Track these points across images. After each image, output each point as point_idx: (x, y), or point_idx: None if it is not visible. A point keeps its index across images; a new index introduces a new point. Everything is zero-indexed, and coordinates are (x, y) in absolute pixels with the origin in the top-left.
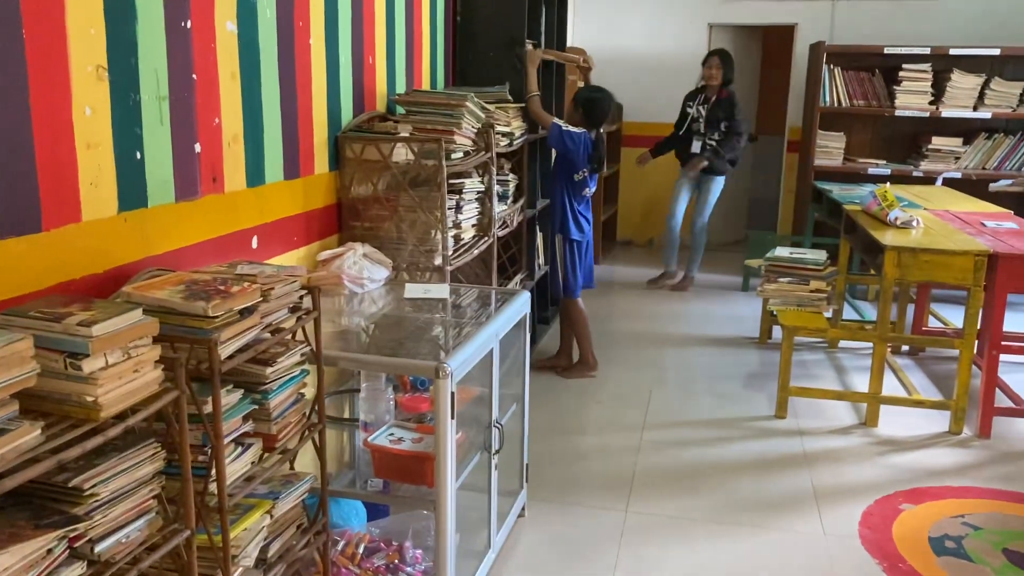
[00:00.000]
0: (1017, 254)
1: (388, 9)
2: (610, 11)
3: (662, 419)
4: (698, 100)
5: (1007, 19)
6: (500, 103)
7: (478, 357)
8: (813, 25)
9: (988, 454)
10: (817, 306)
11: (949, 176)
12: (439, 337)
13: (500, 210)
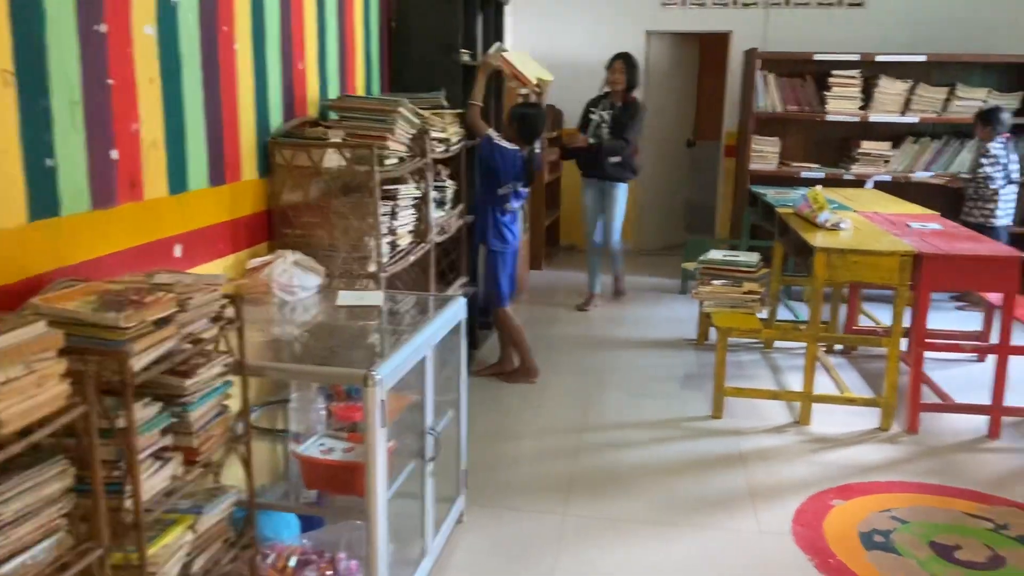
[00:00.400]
0: (940, 254)
1: (319, 14)
2: (549, 18)
3: (602, 421)
4: (601, 106)
5: (931, 26)
6: (436, 109)
7: (410, 364)
8: (747, 32)
9: (916, 449)
10: (750, 307)
11: (879, 179)
12: (370, 345)
13: (438, 216)
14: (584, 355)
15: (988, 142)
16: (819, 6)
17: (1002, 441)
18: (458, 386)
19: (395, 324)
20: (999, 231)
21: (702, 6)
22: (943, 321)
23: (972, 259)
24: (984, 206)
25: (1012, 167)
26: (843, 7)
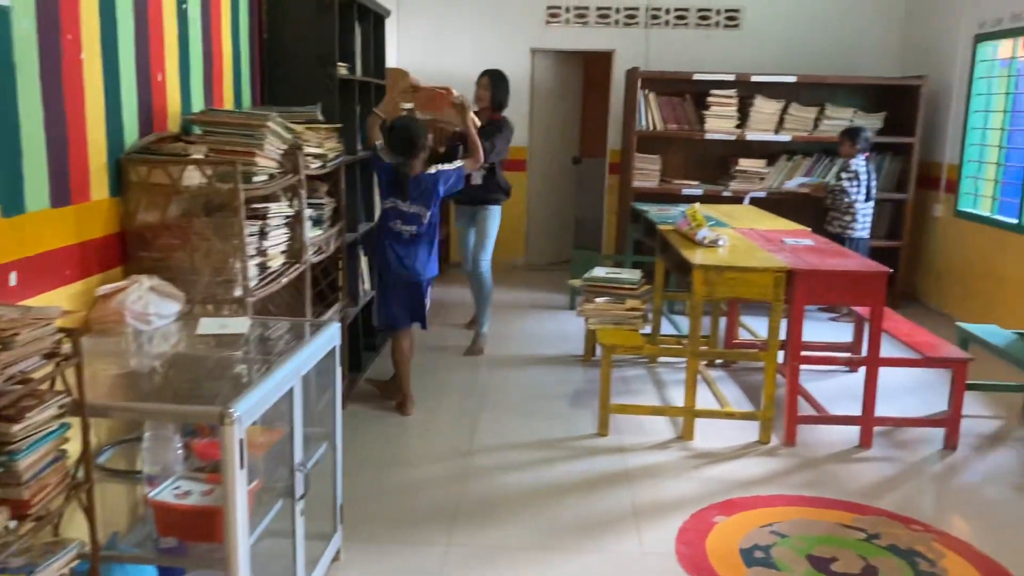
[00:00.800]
0: (812, 270)
1: (180, 24)
2: (433, 34)
3: (488, 444)
4: None
5: (802, 48)
6: (311, 124)
7: (275, 397)
8: (629, 51)
9: (793, 461)
10: (633, 324)
11: (755, 196)
12: (232, 378)
13: (314, 235)
14: (472, 374)
15: (851, 159)
16: (697, 27)
17: (873, 450)
18: (333, 416)
19: (261, 353)
20: (857, 242)
21: (585, 25)
22: (817, 332)
23: (842, 274)
24: (841, 218)
25: (872, 183)
26: (720, 28)
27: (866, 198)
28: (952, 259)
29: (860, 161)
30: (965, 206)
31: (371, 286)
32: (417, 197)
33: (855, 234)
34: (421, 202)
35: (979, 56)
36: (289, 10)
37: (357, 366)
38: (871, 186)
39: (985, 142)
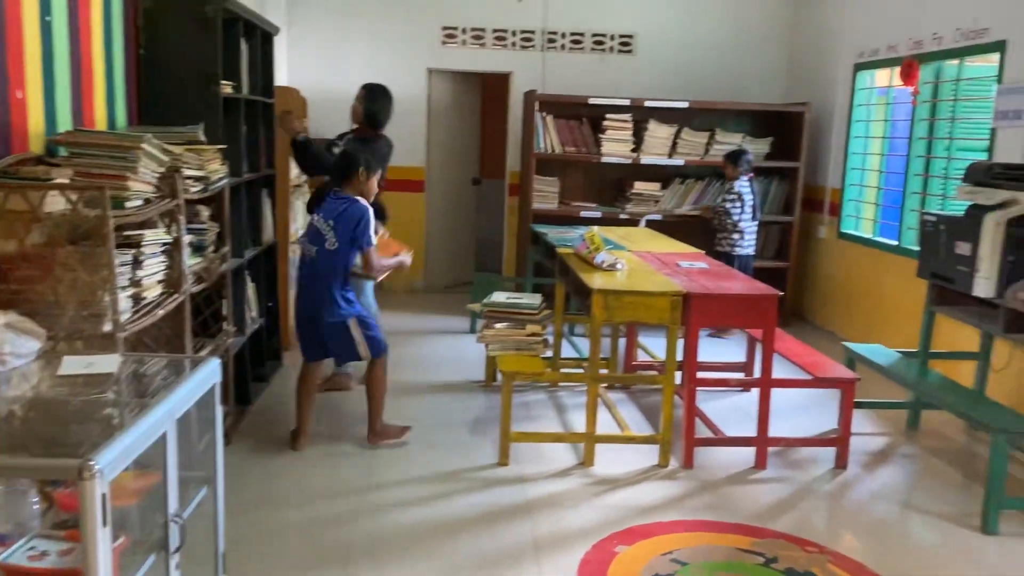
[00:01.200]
0: (707, 294)
1: (44, 38)
2: (327, 52)
3: (384, 479)
4: (346, 139)
5: (694, 75)
6: (192, 144)
7: (145, 444)
8: (527, 74)
9: (692, 484)
10: (534, 349)
11: (651, 218)
12: (96, 424)
13: (195, 262)
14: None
15: (735, 181)
16: (593, 51)
17: (769, 471)
18: (214, 458)
19: (133, 395)
20: (744, 260)
21: (483, 46)
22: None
23: (735, 298)
24: (728, 237)
25: (756, 203)
26: (615, 53)
27: (752, 217)
28: (836, 279)
29: (743, 182)
30: (848, 228)
31: (259, 314)
32: (331, 213)
33: (742, 252)
34: (333, 222)
35: (858, 84)
36: (168, 25)
37: (246, 399)
38: (755, 206)
39: (865, 167)
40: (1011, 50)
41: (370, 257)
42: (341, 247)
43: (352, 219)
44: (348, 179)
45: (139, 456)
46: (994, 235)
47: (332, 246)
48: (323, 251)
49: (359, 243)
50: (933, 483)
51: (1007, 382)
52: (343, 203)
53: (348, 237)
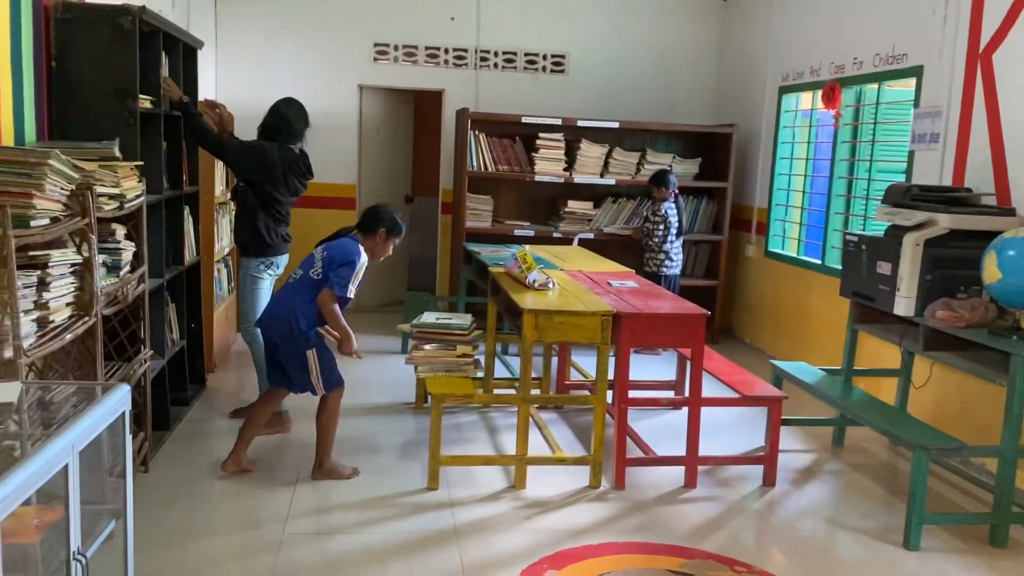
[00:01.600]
0: (637, 313)
1: None
2: (258, 67)
3: (308, 506)
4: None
5: (625, 96)
6: (107, 161)
7: (44, 478)
8: (459, 92)
9: (623, 505)
10: (465, 371)
11: (583, 237)
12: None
13: (108, 283)
14: (293, 426)
15: (661, 201)
16: (525, 71)
17: (698, 490)
18: (124, 489)
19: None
20: (671, 279)
21: (415, 64)
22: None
23: (664, 317)
24: (655, 257)
25: (681, 222)
26: (547, 73)
27: (676, 236)
28: (764, 297)
29: (670, 203)
30: (774, 247)
31: (181, 336)
32: (334, 247)
33: (669, 271)
34: (327, 252)
35: (784, 106)
36: (82, 37)
37: (165, 424)
38: (680, 225)
39: (791, 187)
40: (927, 75)
41: (327, 299)
42: (323, 279)
43: (343, 257)
44: (366, 232)
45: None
46: (913, 255)
47: (316, 275)
48: (307, 277)
49: (331, 280)
50: (858, 499)
51: (927, 398)
52: (348, 243)
53: (328, 271)
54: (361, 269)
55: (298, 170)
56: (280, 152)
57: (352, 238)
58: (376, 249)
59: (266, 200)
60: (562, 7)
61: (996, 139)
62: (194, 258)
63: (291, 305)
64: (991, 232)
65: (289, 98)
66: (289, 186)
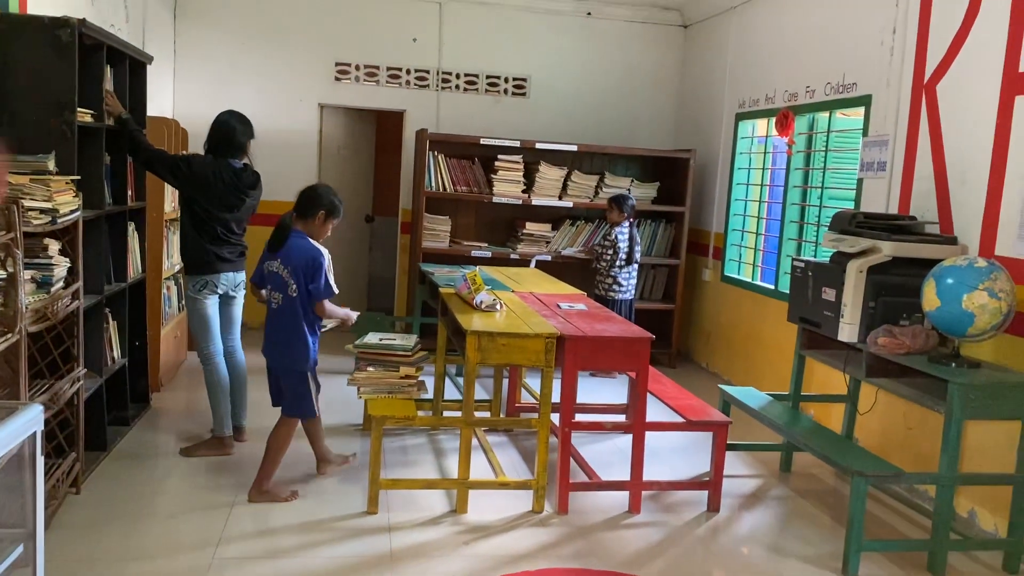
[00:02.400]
0: (581, 336)
1: None
2: (216, 82)
3: (243, 530)
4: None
5: (582, 120)
6: (40, 175)
7: None
8: (420, 112)
9: (565, 531)
10: (408, 392)
11: (540, 259)
12: None
13: (37, 299)
14: (237, 446)
15: (614, 225)
16: (487, 93)
17: (642, 515)
18: (34, 512)
19: None
20: (621, 304)
21: (377, 84)
22: (589, 390)
23: (608, 340)
24: (603, 280)
25: (635, 248)
26: (509, 96)
27: (627, 262)
28: (720, 321)
29: (622, 228)
30: (731, 272)
31: (123, 353)
32: (289, 259)
33: (618, 296)
34: (288, 266)
35: (740, 132)
36: (21, 48)
37: (102, 444)
38: (633, 250)
39: (747, 212)
40: (875, 104)
41: (322, 309)
42: (301, 293)
43: (306, 266)
44: (304, 216)
45: None
46: (856, 281)
47: (294, 292)
48: (287, 298)
49: (319, 294)
50: (801, 525)
51: (872, 424)
52: (297, 247)
53: (305, 284)
54: (328, 262)
55: (236, 185)
56: (216, 166)
57: (296, 233)
58: (315, 231)
59: (201, 216)
60: (525, 31)
61: (939, 168)
62: (139, 275)
63: (290, 330)
64: (933, 260)
65: (231, 110)
66: (226, 202)
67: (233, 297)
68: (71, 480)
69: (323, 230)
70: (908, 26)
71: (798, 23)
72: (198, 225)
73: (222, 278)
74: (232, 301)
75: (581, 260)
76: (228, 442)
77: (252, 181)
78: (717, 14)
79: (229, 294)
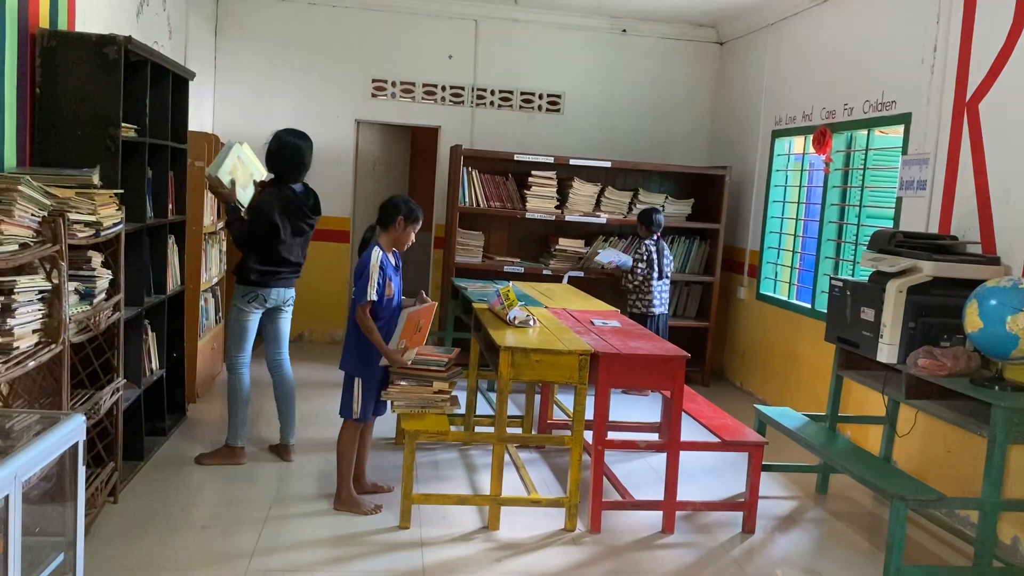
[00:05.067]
0: (615, 353)
1: None
2: (254, 98)
3: (276, 543)
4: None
5: (616, 136)
6: (85, 188)
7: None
8: (455, 128)
9: (598, 550)
10: (441, 407)
11: (574, 275)
12: None
13: (80, 310)
14: (267, 461)
15: (645, 239)
16: (521, 109)
17: (676, 535)
18: (75, 521)
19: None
20: (658, 319)
21: (413, 100)
22: (623, 407)
23: (643, 358)
24: (643, 297)
25: (665, 263)
26: (543, 112)
27: (659, 276)
28: (755, 340)
29: (650, 242)
30: (766, 290)
31: (160, 364)
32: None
33: (655, 311)
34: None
35: (776, 150)
36: (68, 64)
37: (139, 454)
38: (664, 264)
39: (783, 230)
40: (915, 123)
41: (358, 315)
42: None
43: (358, 270)
44: (386, 225)
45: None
46: (896, 302)
47: (353, 295)
48: (351, 303)
49: (355, 297)
50: (838, 549)
51: (913, 447)
52: (365, 254)
53: (363, 290)
54: (375, 269)
55: (303, 213)
56: (283, 201)
57: (373, 243)
58: (400, 238)
59: (266, 236)
60: (560, 47)
61: (982, 188)
62: (178, 287)
63: (349, 333)
64: (975, 281)
65: (292, 130)
66: (295, 230)
67: (283, 311)
68: (109, 489)
69: (405, 236)
70: (950, 44)
71: (835, 40)
72: (261, 242)
73: (272, 293)
74: (281, 315)
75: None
76: (240, 453)
77: (316, 205)
78: (753, 31)
79: (280, 308)
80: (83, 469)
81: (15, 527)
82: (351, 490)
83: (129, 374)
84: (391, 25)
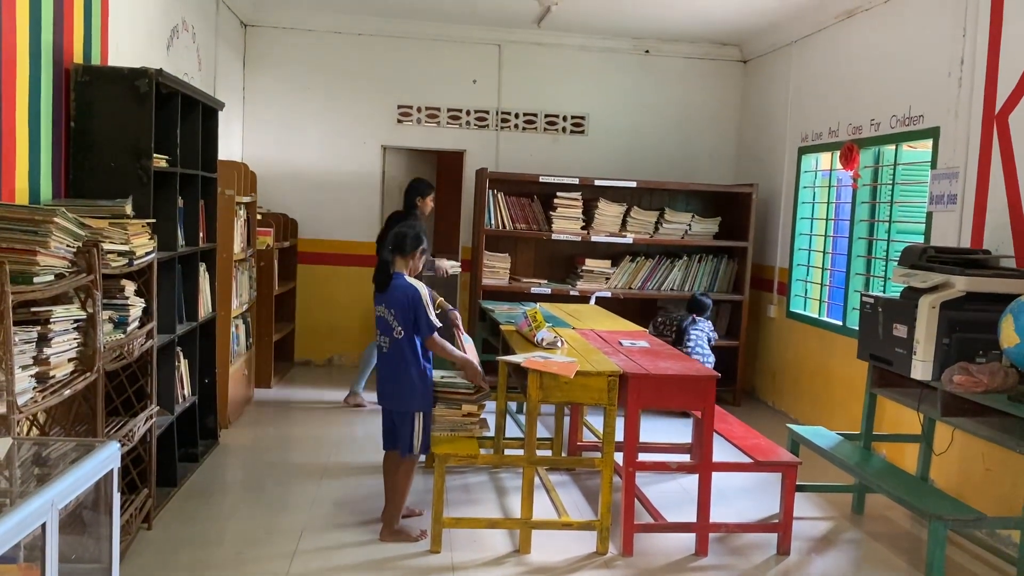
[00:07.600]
0: (644, 374)
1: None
2: (282, 127)
3: (308, 568)
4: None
5: (641, 156)
6: (118, 219)
7: (18, 536)
8: (480, 152)
9: (631, 573)
10: (470, 430)
11: (600, 295)
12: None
13: (115, 338)
14: (305, 483)
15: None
16: (546, 131)
17: (710, 558)
18: (111, 548)
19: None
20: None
21: (438, 125)
22: (656, 429)
23: (672, 379)
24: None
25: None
26: (567, 134)
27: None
28: (786, 358)
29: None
30: (796, 308)
31: (193, 391)
32: (392, 302)
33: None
34: (395, 308)
35: (803, 167)
36: (101, 98)
37: (172, 480)
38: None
39: (812, 247)
40: (944, 136)
41: (432, 343)
42: (407, 334)
43: (408, 306)
44: (404, 254)
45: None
46: (929, 318)
47: (399, 335)
48: (393, 341)
49: (420, 331)
50: (876, 571)
51: (950, 465)
52: (399, 289)
53: (410, 324)
54: (426, 298)
55: None
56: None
57: (396, 274)
58: (415, 266)
59: None
60: (583, 70)
61: (1014, 200)
62: (209, 314)
63: (398, 370)
64: (1009, 295)
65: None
66: None
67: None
68: (143, 516)
69: (418, 263)
70: (977, 57)
71: (860, 56)
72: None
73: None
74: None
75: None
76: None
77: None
78: (777, 48)
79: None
80: (118, 496)
81: (52, 554)
82: (400, 522)
83: (162, 401)
84: (416, 52)
